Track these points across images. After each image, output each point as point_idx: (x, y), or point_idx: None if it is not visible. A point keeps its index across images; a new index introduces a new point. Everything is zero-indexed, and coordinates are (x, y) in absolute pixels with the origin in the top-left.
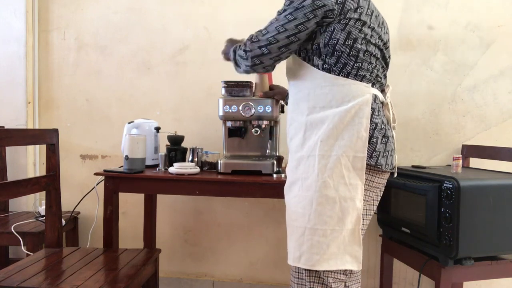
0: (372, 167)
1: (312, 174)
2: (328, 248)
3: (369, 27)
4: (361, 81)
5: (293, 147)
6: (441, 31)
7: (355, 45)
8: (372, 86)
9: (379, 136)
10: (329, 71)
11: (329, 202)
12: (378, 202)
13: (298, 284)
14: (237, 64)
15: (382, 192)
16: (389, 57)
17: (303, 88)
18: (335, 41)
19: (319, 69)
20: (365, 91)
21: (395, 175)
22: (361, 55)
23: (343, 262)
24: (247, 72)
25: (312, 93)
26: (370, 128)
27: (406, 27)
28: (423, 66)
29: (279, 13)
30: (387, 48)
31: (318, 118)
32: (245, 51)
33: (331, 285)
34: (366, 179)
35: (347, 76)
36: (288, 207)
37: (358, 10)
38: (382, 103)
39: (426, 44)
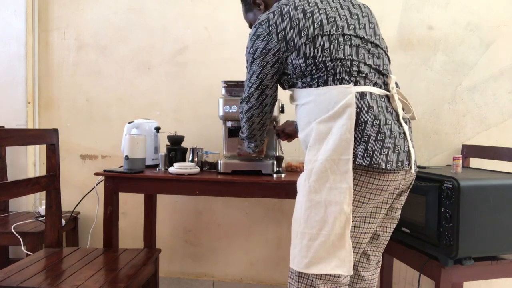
0: (369, 168)
1: (305, 180)
2: (316, 252)
3: (322, 36)
4: (341, 83)
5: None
6: (441, 31)
7: (317, 60)
8: (356, 84)
9: (372, 133)
10: (309, 86)
11: (316, 206)
12: (389, 204)
13: (289, 283)
14: (243, 133)
15: (394, 194)
16: (372, 43)
17: (298, 109)
18: (299, 68)
19: (299, 87)
20: (347, 93)
21: (413, 170)
22: (328, 64)
23: (332, 266)
24: (249, 130)
25: (303, 110)
26: (358, 128)
27: (406, 27)
28: (423, 66)
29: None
30: (363, 39)
31: (310, 129)
32: (240, 112)
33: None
34: (364, 182)
35: (325, 84)
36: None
37: (302, 34)
38: (386, 96)
39: (426, 44)
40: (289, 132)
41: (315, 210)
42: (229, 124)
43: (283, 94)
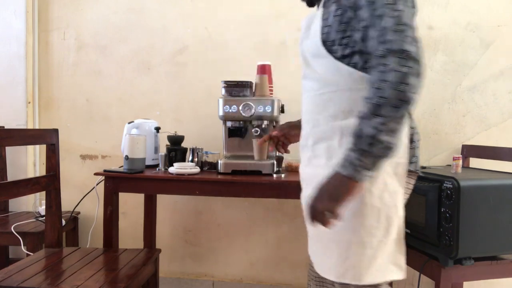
0: (412, 172)
1: None
2: (376, 260)
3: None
4: None
5: (322, 152)
6: (441, 31)
7: None
8: None
9: (416, 140)
10: (368, 71)
11: (374, 212)
12: None
13: None
14: (401, 104)
15: None
16: None
17: (334, 89)
18: None
19: (356, 68)
20: None
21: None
22: None
23: (389, 272)
24: (413, 94)
25: (346, 95)
26: (410, 132)
27: None
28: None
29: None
30: None
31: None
32: (400, 67)
33: None
34: (406, 186)
35: None
36: None
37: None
38: None
39: (426, 44)
40: (291, 138)
41: (374, 217)
42: (229, 124)
43: (284, 92)
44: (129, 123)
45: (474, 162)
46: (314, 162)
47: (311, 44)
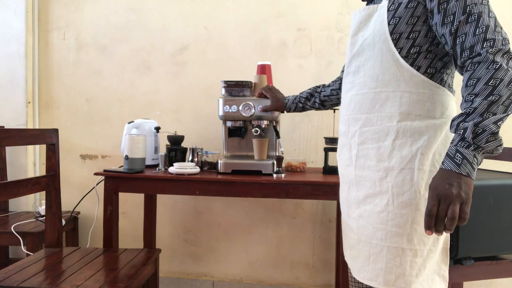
0: None
1: (410, 190)
2: (424, 269)
3: None
4: (448, 89)
5: (372, 153)
6: None
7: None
8: None
9: None
10: (432, 76)
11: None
12: None
13: None
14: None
15: None
16: None
17: (392, 89)
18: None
19: (420, 72)
20: (453, 103)
21: None
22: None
23: (434, 283)
24: None
25: (406, 97)
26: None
27: None
28: None
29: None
30: None
31: (414, 127)
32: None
33: None
34: None
35: (444, 84)
36: (368, 223)
37: None
38: None
39: None
40: (267, 107)
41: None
42: (229, 124)
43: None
44: (129, 123)
45: None
46: (360, 163)
47: (374, 36)
